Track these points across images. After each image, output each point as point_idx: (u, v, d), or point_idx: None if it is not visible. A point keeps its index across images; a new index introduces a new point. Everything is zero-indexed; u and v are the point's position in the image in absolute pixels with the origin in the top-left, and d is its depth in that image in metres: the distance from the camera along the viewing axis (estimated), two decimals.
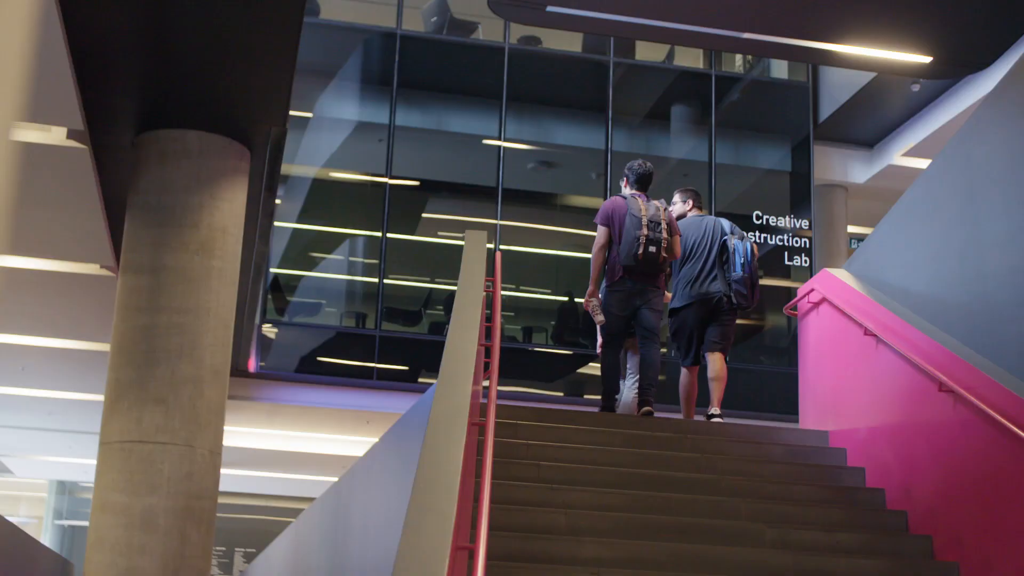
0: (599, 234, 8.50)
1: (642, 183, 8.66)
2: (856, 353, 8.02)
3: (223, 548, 26.40)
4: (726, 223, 8.86)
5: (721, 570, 6.03)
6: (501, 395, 6.28)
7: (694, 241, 8.71)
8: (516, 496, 6.44)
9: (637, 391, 8.58)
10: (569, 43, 16.95)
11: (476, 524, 4.10)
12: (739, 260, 8.55)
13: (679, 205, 9.09)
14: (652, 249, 8.17)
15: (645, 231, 8.17)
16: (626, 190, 8.72)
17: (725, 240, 8.67)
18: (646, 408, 8.28)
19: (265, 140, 8.72)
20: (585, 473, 6.94)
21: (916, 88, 15.35)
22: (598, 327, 8.66)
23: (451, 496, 3.80)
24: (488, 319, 7.08)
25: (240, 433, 18.17)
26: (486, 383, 6.40)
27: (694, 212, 9.05)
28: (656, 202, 8.46)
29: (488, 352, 6.63)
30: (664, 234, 8.25)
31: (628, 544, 6.08)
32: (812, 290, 8.76)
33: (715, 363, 8.62)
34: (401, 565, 3.35)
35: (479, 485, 4.64)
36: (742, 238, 8.71)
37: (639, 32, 10.55)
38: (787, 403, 13.12)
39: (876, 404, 7.69)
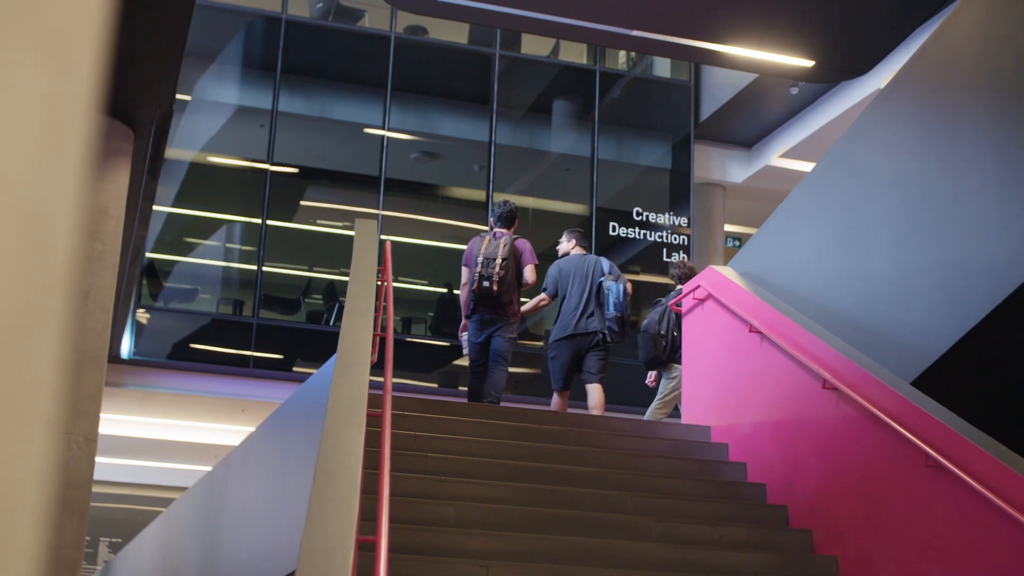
0: (463, 273, 9.19)
1: (503, 221, 9.29)
2: (740, 350, 8.14)
3: (88, 538, 25.81)
4: (606, 263, 9.59)
5: (609, 563, 6.07)
6: (377, 386, 6.22)
7: (577, 279, 9.41)
8: (404, 488, 6.39)
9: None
10: (455, 34, 16.91)
11: (377, 517, 4.05)
12: (612, 300, 9.34)
13: (564, 244, 9.84)
14: (485, 284, 8.85)
15: (479, 268, 8.87)
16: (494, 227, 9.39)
17: (601, 281, 9.37)
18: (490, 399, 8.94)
19: (150, 122, 8.52)
20: (473, 465, 6.93)
21: (795, 91, 15.66)
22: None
23: (353, 487, 3.75)
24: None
25: (109, 420, 17.76)
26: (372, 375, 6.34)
27: (577, 251, 9.71)
28: (503, 239, 9.01)
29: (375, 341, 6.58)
30: (496, 269, 8.85)
31: (516, 537, 6.08)
32: (698, 287, 8.87)
33: (595, 394, 9.42)
34: (306, 558, 3.29)
35: (375, 477, 4.58)
36: (617, 279, 9.43)
37: (529, 25, 10.58)
38: None
39: (759, 400, 7.81)
